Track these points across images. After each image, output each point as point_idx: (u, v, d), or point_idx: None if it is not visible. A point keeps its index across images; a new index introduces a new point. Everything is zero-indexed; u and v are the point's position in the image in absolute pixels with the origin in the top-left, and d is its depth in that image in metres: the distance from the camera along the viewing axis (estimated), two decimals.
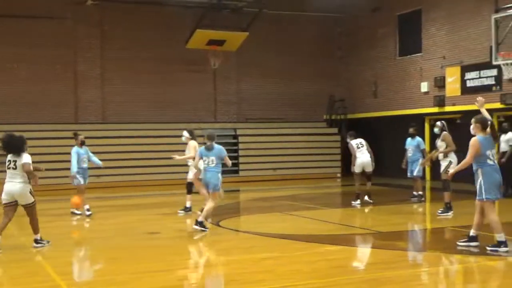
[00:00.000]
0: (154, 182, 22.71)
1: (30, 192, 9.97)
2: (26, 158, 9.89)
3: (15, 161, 9.90)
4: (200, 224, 11.43)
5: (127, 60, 24.80)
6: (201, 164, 11.71)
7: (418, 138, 16.00)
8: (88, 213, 13.98)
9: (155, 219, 14.04)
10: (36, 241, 10.18)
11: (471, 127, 9.41)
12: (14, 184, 9.87)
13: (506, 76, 18.36)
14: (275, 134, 25.79)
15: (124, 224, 13.40)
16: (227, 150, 25.43)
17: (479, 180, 9.18)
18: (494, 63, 17.68)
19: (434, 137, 14.98)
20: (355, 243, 10.98)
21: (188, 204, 14.25)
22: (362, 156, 15.66)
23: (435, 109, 22.60)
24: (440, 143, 13.66)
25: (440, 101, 22.36)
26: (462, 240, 9.60)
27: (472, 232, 9.43)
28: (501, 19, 17.66)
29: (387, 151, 22.24)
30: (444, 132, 13.70)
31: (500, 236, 9.10)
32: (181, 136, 14.27)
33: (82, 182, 13.95)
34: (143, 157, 23.48)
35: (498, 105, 19.99)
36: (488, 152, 9.15)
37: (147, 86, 25.15)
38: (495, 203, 9.38)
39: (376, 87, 25.96)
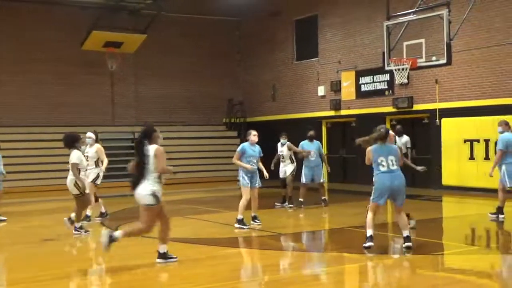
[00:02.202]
0: (51, 187, 21.96)
1: (75, 185, 11.89)
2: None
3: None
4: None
5: (20, 61, 23.94)
6: None
7: (317, 142, 15.90)
8: None
9: (51, 225, 13.61)
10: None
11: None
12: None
13: (397, 81, 19.09)
14: (174, 137, 25.67)
15: (20, 231, 12.92)
16: (124, 154, 25.65)
17: (374, 185, 9.53)
18: (387, 68, 18.32)
19: (330, 140, 15.32)
20: (255, 245, 11.11)
21: (88, 213, 13.47)
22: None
23: (332, 113, 23.21)
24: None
25: (336, 105, 22.97)
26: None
27: (404, 233, 9.46)
28: (393, 26, 18.35)
29: None
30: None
31: (369, 232, 9.35)
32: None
33: None
34: (39, 161, 22.74)
35: (390, 108, 20.83)
36: (381, 159, 9.36)
37: (42, 88, 24.37)
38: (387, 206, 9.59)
39: (274, 90, 26.36)
